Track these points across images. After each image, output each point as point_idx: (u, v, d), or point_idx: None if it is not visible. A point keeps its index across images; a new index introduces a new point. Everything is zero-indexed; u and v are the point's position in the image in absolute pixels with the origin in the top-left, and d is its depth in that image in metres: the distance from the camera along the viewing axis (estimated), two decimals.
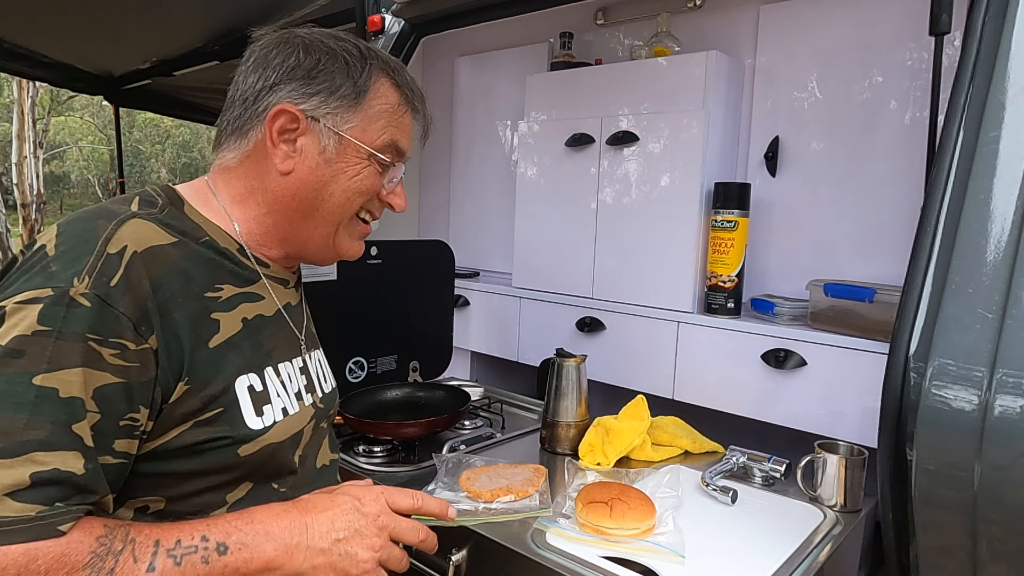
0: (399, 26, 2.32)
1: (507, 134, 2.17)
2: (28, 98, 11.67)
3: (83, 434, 0.66)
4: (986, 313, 0.92)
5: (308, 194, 0.87)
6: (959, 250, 0.97)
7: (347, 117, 0.86)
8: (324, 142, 0.85)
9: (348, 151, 0.87)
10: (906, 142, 1.44)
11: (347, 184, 0.88)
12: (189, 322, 0.76)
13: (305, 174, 0.86)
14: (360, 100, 0.86)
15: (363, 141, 0.87)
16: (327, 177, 0.87)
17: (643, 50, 1.73)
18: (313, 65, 0.84)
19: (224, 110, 0.88)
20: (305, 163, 0.86)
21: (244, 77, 0.86)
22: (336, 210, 0.89)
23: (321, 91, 0.84)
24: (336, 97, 0.85)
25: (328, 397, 1.02)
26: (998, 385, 0.88)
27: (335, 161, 0.86)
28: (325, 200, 0.87)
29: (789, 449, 1.34)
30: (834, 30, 1.53)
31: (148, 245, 0.75)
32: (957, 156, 1.00)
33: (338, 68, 0.85)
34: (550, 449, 1.47)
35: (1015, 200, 0.94)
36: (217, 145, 0.89)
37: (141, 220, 0.77)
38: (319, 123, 0.85)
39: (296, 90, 0.84)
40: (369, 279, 1.72)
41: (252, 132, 0.85)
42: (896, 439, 1.01)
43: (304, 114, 0.84)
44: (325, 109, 0.85)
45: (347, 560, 0.78)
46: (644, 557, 1.01)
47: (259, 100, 0.84)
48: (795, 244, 1.62)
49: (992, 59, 1.00)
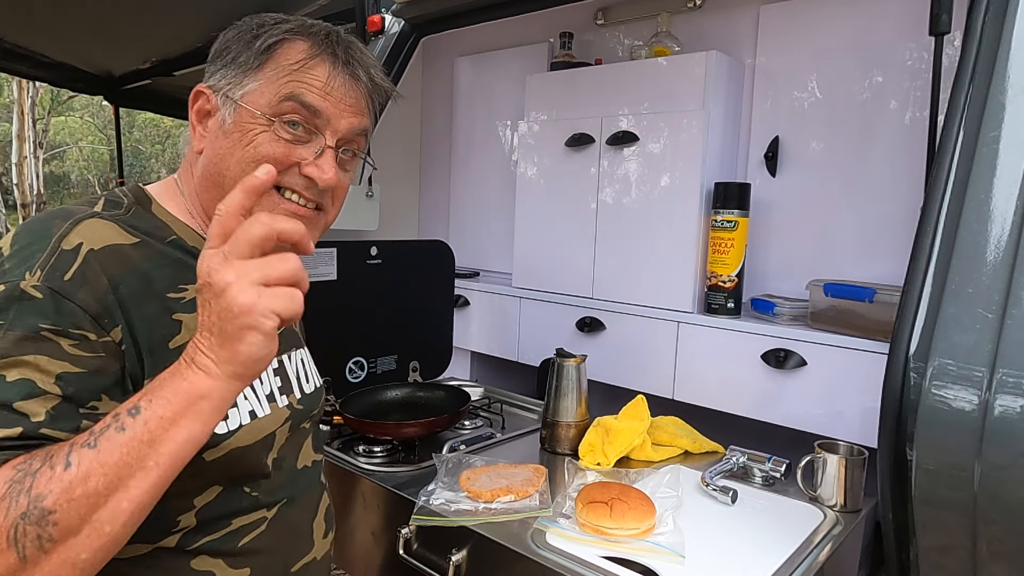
0: (399, 26, 2.32)
1: (507, 134, 2.17)
2: (28, 98, 11.67)
3: (30, 411, 0.63)
4: (986, 313, 0.92)
5: (212, 170, 0.82)
6: (959, 250, 0.97)
7: (244, 83, 0.80)
8: (223, 114, 0.81)
9: (243, 118, 0.80)
10: (906, 142, 1.44)
11: (242, 154, 0.80)
12: (148, 323, 0.73)
13: (209, 150, 0.82)
14: (262, 64, 0.80)
15: (259, 105, 0.80)
16: (224, 149, 0.81)
17: (643, 50, 1.73)
18: (226, 44, 0.82)
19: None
20: (210, 138, 0.82)
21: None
22: (236, 180, 0.75)
23: (226, 65, 0.81)
24: (235, 65, 0.81)
25: (309, 398, 0.98)
26: (998, 385, 0.88)
27: (232, 131, 0.80)
28: (224, 174, 0.81)
29: (789, 449, 1.34)
30: (834, 30, 1.53)
31: (105, 244, 0.73)
32: (957, 156, 1.00)
33: (243, 37, 0.82)
34: (550, 449, 1.47)
35: (1015, 200, 0.94)
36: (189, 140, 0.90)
37: (101, 220, 0.76)
38: (220, 95, 0.81)
39: (212, 71, 0.82)
40: (369, 279, 1.72)
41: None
42: (896, 439, 1.01)
43: (211, 90, 0.81)
44: (224, 80, 0.81)
45: (233, 321, 0.59)
46: (644, 557, 1.01)
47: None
48: (795, 244, 1.62)
49: (992, 59, 1.00)
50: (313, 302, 1.50)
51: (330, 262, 1.63)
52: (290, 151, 0.81)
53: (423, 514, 1.15)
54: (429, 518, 1.14)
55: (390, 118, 2.31)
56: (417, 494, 1.19)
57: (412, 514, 1.15)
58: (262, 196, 0.72)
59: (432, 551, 1.14)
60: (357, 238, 2.07)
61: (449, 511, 1.14)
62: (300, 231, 0.62)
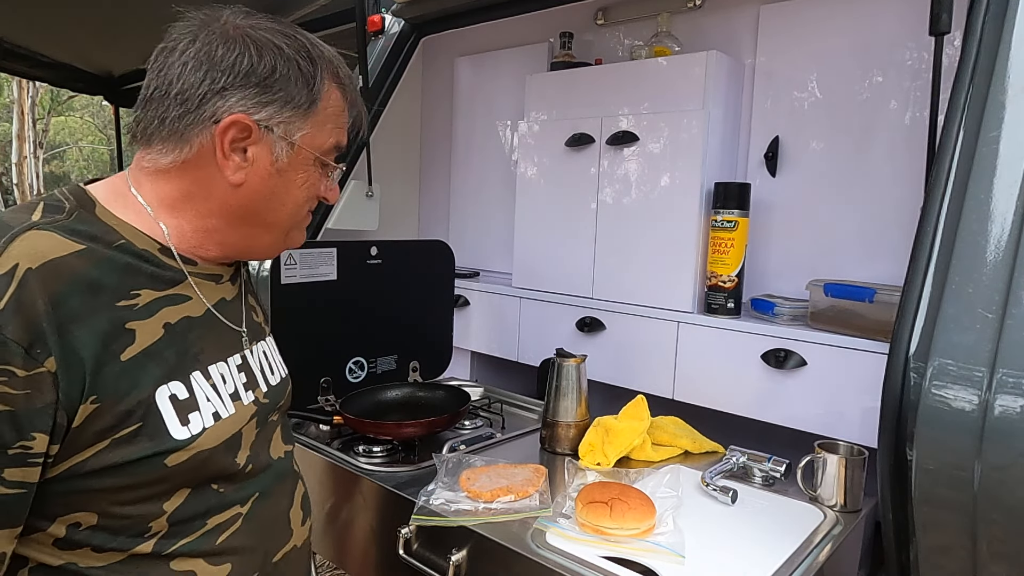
0: (399, 26, 2.32)
1: (507, 134, 2.17)
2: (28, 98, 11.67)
3: None
4: (986, 313, 0.92)
5: (259, 204, 0.84)
6: (959, 250, 0.97)
7: (300, 125, 0.82)
8: (277, 152, 0.82)
9: (299, 158, 0.84)
10: (906, 142, 1.44)
11: (299, 191, 0.85)
12: (96, 337, 0.71)
13: (257, 184, 0.82)
14: (313, 107, 0.83)
15: (313, 147, 0.84)
16: (279, 186, 0.84)
17: (643, 50, 1.73)
18: (269, 72, 0.79)
19: (148, 102, 0.80)
20: (257, 174, 0.82)
21: (181, 71, 0.78)
22: (289, 216, 0.87)
23: (277, 100, 0.80)
24: (291, 106, 0.81)
25: (275, 390, 0.96)
26: (998, 385, 0.88)
27: (287, 170, 0.83)
28: (277, 209, 0.85)
29: (789, 449, 1.34)
30: (834, 30, 1.53)
31: (45, 260, 0.69)
32: (957, 156, 1.00)
33: (293, 75, 0.81)
34: (550, 449, 1.47)
35: (1015, 200, 0.94)
36: (144, 142, 0.81)
37: (40, 231, 0.71)
38: (272, 132, 0.81)
39: (250, 98, 0.79)
40: (369, 279, 1.72)
41: (196, 138, 0.79)
42: (896, 439, 1.01)
43: (258, 124, 0.79)
44: (279, 119, 0.81)
45: None
46: (644, 557, 1.01)
47: (205, 104, 0.78)
48: (795, 244, 1.62)
49: (992, 59, 1.00)
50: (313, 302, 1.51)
51: (330, 262, 1.63)
52: (324, 182, 0.90)
53: (423, 514, 1.15)
54: (429, 518, 1.14)
55: (390, 118, 2.32)
56: (417, 494, 1.19)
57: (412, 514, 1.15)
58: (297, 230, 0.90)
59: (432, 551, 1.14)
60: (357, 238, 2.07)
61: (449, 511, 1.14)
62: None
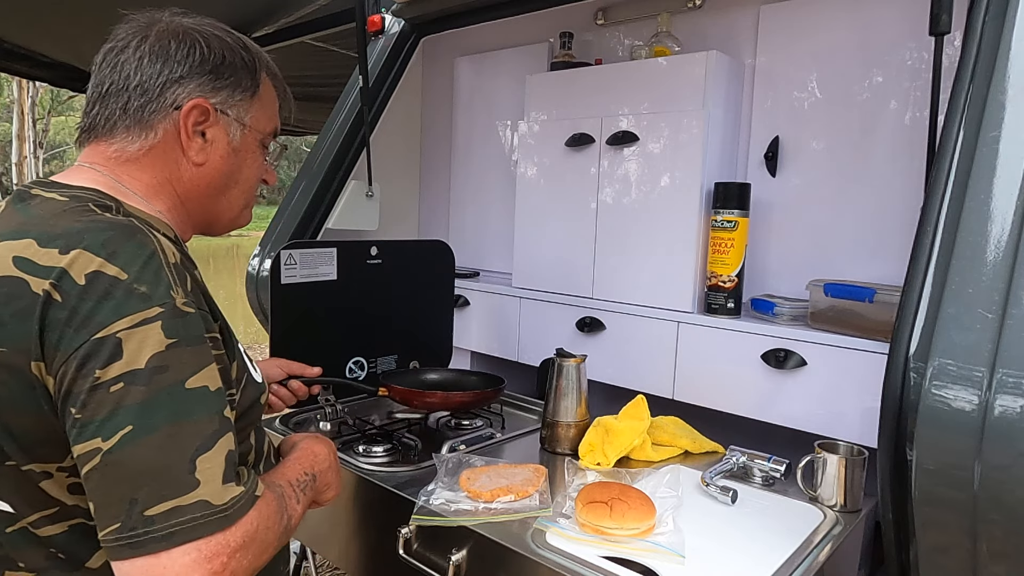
0: (399, 26, 2.33)
1: (507, 134, 2.17)
2: (28, 98, 11.67)
3: (229, 415, 0.77)
4: (986, 313, 0.92)
5: (220, 181, 0.94)
6: (959, 250, 0.97)
7: (247, 107, 0.94)
8: (231, 133, 0.93)
9: (249, 139, 0.95)
10: (906, 142, 1.44)
11: (251, 170, 0.98)
12: (215, 307, 0.84)
13: (218, 163, 0.93)
14: (256, 92, 0.95)
15: (259, 129, 0.96)
16: (236, 165, 0.95)
17: (643, 50, 1.73)
18: (220, 61, 0.90)
19: (105, 96, 0.87)
20: (217, 153, 0.92)
21: (138, 65, 0.86)
22: (245, 193, 0.99)
23: (228, 85, 0.91)
24: (240, 90, 0.92)
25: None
26: (998, 385, 0.88)
27: (241, 150, 0.95)
28: (235, 185, 0.97)
29: (789, 449, 1.34)
30: (834, 30, 1.53)
31: (172, 246, 0.81)
32: (957, 156, 1.00)
33: (239, 62, 0.92)
34: (550, 449, 1.47)
35: (1015, 200, 0.94)
36: (106, 133, 0.88)
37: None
38: (227, 115, 0.92)
39: (206, 84, 0.89)
40: (369, 279, 1.72)
41: (159, 124, 0.88)
42: (896, 439, 1.01)
43: (215, 108, 0.90)
44: (231, 102, 0.92)
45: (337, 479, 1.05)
46: (644, 557, 1.01)
47: (165, 92, 0.87)
48: (795, 244, 1.62)
49: (992, 59, 1.00)
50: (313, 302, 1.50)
51: (330, 262, 1.63)
52: (265, 163, 1.02)
53: (423, 514, 1.15)
54: (429, 518, 1.14)
55: (390, 118, 2.32)
56: (417, 494, 1.19)
57: (412, 514, 1.15)
58: (248, 208, 1.03)
59: (432, 551, 1.14)
60: (357, 238, 2.07)
61: (449, 511, 1.14)
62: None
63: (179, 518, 0.68)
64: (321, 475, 0.99)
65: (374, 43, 2.35)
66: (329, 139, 2.22)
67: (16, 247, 0.74)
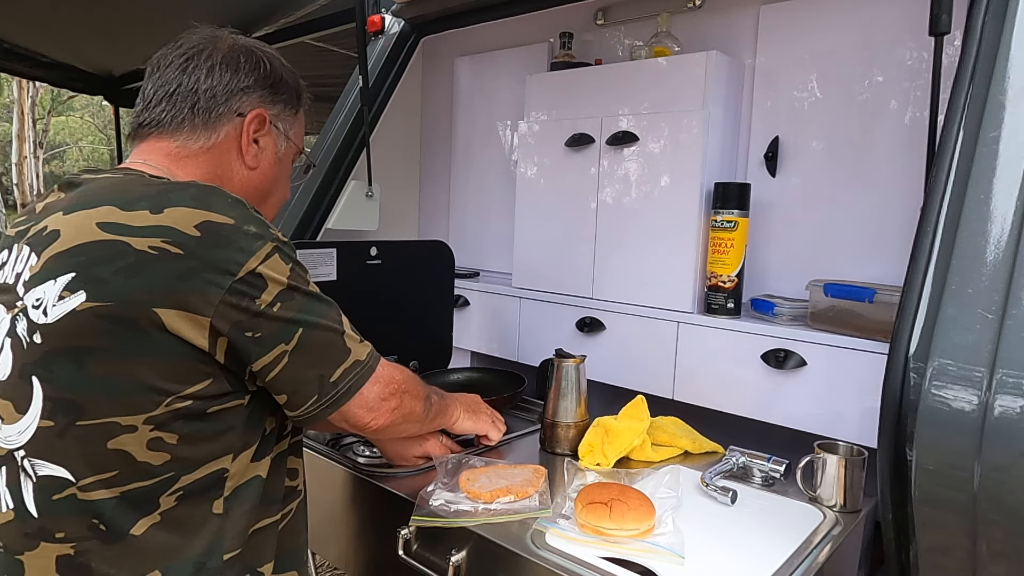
0: (399, 26, 2.33)
1: (507, 134, 2.17)
2: (28, 98, 11.68)
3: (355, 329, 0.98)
4: (986, 313, 0.92)
5: (266, 186, 1.05)
6: (959, 250, 0.97)
7: (292, 123, 1.07)
8: (279, 143, 1.05)
9: (290, 152, 1.08)
10: (906, 142, 1.44)
11: (287, 181, 1.11)
12: None
13: (267, 169, 1.04)
14: (299, 110, 1.08)
15: (298, 144, 1.09)
16: (279, 172, 1.07)
17: (643, 50, 1.73)
18: (278, 78, 1.02)
19: (173, 96, 0.96)
20: (267, 160, 1.04)
21: (209, 72, 0.97)
22: (282, 199, 1.12)
23: (283, 100, 1.03)
24: (290, 107, 1.05)
25: None
26: (998, 385, 0.88)
27: (283, 160, 1.07)
28: (276, 191, 1.09)
29: (789, 449, 1.34)
30: (834, 30, 1.53)
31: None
32: (957, 156, 1.00)
33: (290, 82, 1.05)
34: (550, 450, 1.46)
35: (1015, 200, 0.94)
36: (172, 130, 0.97)
37: None
38: (278, 128, 1.04)
39: (266, 97, 1.01)
40: (369, 279, 1.72)
41: (223, 127, 0.98)
42: (896, 439, 1.01)
43: (271, 119, 1.02)
44: (283, 116, 1.04)
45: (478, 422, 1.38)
46: (644, 558, 1.01)
47: (231, 99, 0.98)
48: (795, 244, 1.62)
49: (992, 59, 1.00)
50: None
51: (330, 262, 1.63)
52: None
53: (422, 515, 1.14)
54: (428, 519, 1.14)
55: (390, 118, 2.32)
56: (417, 494, 1.19)
57: (412, 515, 1.15)
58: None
59: (432, 552, 1.14)
60: (357, 238, 2.07)
61: (449, 512, 1.14)
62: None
63: (349, 375, 0.93)
64: (448, 404, 1.27)
65: (374, 43, 2.35)
66: (329, 139, 2.22)
67: (96, 214, 0.81)
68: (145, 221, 0.80)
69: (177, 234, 0.79)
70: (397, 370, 1.04)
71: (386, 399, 0.99)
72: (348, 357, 0.93)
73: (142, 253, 0.78)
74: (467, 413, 1.32)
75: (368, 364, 0.96)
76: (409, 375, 1.07)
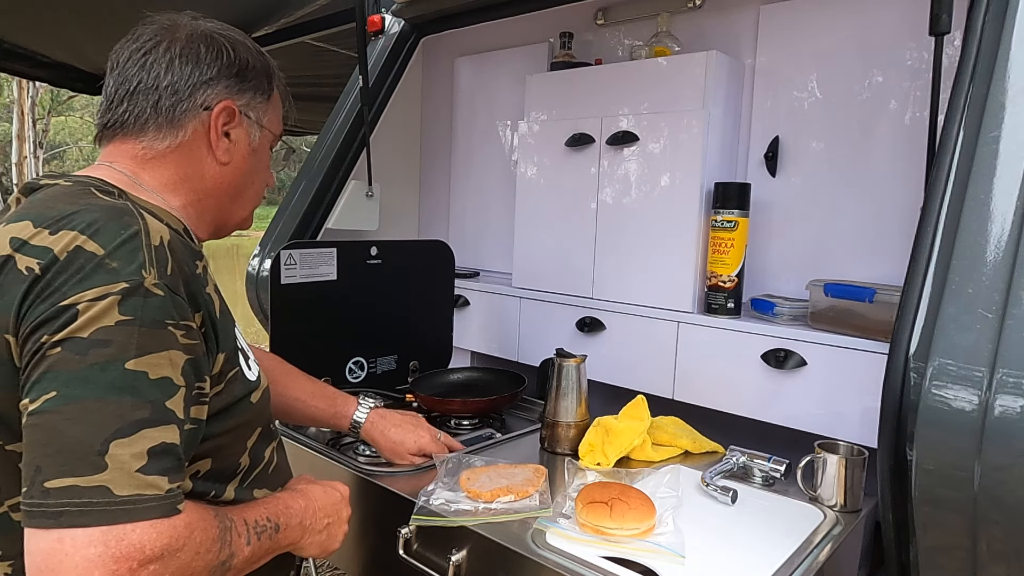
0: (399, 26, 2.33)
1: (507, 134, 2.17)
2: (28, 98, 11.68)
3: (175, 408, 0.72)
4: (986, 313, 0.92)
5: (239, 180, 0.98)
6: (959, 250, 0.97)
7: (265, 111, 0.98)
8: (252, 133, 0.97)
9: (265, 141, 1.00)
10: (906, 142, 1.44)
11: (264, 171, 1.03)
12: (206, 298, 0.82)
13: (240, 163, 0.96)
14: (271, 95, 0.99)
15: (273, 131, 1.01)
16: (253, 165, 0.99)
17: (643, 50, 1.73)
18: (244, 65, 0.94)
19: (134, 94, 0.89)
20: (239, 153, 0.96)
21: (169, 66, 0.89)
22: (259, 192, 1.03)
23: (251, 88, 0.95)
24: (259, 94, 0.97)
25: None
26: (998, 385, 0.88)
27: (258, 151, 0.99)
28: (251, 185, 1.01)
29: (789, 449, 1.34)
30: (834, 30, 1.53)
31: (168, 232, 0.79)
32: (957, 156, 1.00)
33: (259, 67, 0.96)
34: (550, 449, 1.47)
35: (1015, 200, 0.94)
36: (136, 131, 0.90)
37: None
38: (249, 117, 0.96)
39: (232, 87, 0.93)
40: (369, 279, 1.72)
41: (189, 123, 0.90)
42: (896, 439, 1.01)
43: (240, 109, 0.94)
44: (253, 104, 0.96)
45: (331, 539, 1.00)
46: (644, 557, 1.01)
47: (195, 93, 0.90)
48: (795, 244, 1.62)
49: (992, 59, 1.00)
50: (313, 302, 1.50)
51: (330, 262, 1.63)
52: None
53: (423, 514, 1.15)
54: (429, 518, 1.14)
55: (390, 118, 2.32)
56: (417, 494, 1.19)
57: (412, 514, 1.15)
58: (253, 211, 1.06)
59: (432, 551, 1.14)
60: (357, 238, 2.07)
61: (449, 511, 1.14)
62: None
63: (73, 498, 0.64)
64: (291, 529, 0.90)
65: (374, 43, 2.35)
66: (329, 139, 2.22)
67: (14, 229, 0.75)
68: (41, 240, 0.73)
69: (51, 257, 0.71)
70: (197, 536, 0.72)
71: (143, 567, 0.66)
72: (89, 474, 0.65)
73: (19, 273, 0.71)
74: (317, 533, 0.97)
75: (125, 506, 0.65)
76: (210, 536, 0.74)
